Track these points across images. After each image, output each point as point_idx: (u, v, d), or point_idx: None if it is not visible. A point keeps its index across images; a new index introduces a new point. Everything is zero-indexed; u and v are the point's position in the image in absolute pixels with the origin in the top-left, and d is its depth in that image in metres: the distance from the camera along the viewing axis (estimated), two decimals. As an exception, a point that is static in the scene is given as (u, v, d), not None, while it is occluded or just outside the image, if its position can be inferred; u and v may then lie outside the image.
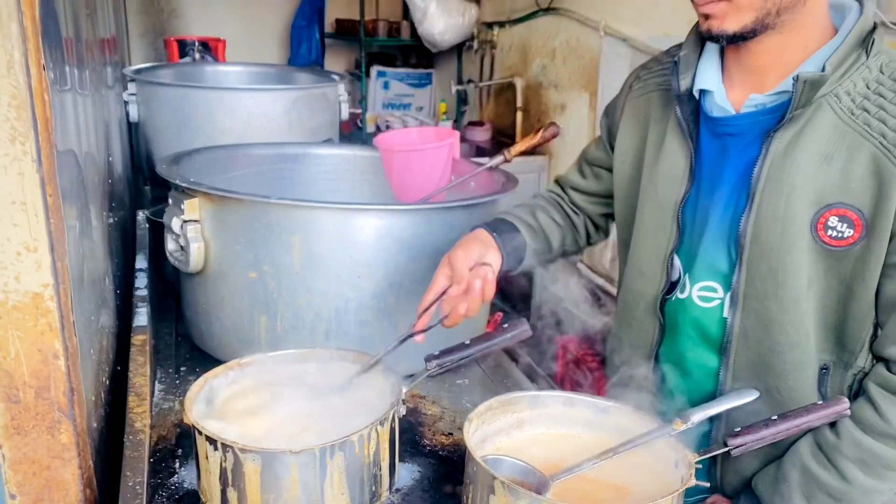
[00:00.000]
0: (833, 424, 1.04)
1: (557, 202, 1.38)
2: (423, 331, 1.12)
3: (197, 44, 3.65)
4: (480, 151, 4.25)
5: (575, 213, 1.38)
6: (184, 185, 1.28)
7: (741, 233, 1.06)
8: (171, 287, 1.52)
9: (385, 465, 1.00)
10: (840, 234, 1.00)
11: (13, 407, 0.75)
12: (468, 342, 1.07)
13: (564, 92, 3.77)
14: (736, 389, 1.07)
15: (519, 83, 4.09)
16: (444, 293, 1.13)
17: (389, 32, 4.69)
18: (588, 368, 3.00)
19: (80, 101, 1.01)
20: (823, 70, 0.99)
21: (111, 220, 1.40)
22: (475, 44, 4.47)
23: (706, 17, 1.02)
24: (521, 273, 1.30)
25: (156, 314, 1.45)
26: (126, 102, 2.26)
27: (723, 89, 1.11)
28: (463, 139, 4.47)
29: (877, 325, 1.05)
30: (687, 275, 1.16)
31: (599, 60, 3.43)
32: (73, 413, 0.78)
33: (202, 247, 1.29)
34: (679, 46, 1.16)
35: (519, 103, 4.12)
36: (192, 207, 1.28)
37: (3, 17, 0.66)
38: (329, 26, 4.99)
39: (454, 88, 4.53)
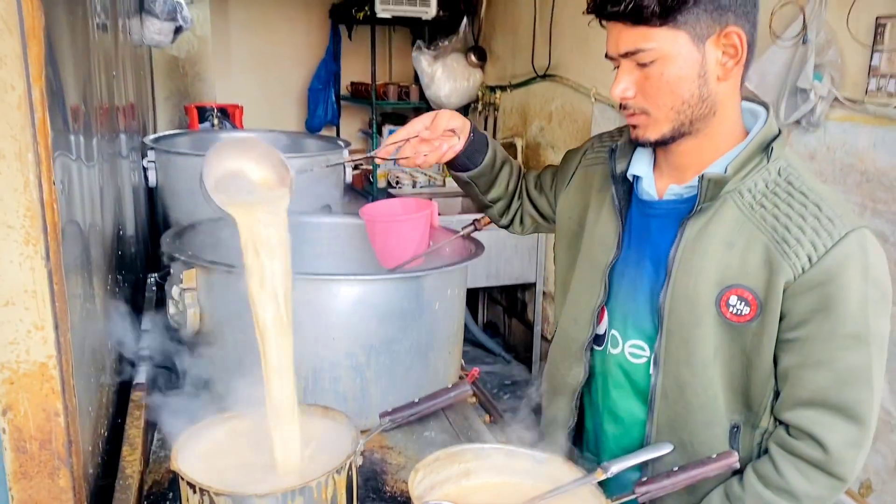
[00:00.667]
0: (741, 478, 1.17)
1: (518, 177, 1.57)
2: (385, 159, 1.35)
3: (215, 110, 3.85)
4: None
5: (518, 197, 1.58)
6: (182, 257, 1.45)
7: (661, 305, 1.21)
8: (173, 346, 1.67)
9: (342, 508, 1.13)
10: (739, 311, 1.14)
11: (21, 456, 0.90)
12: (417, 400, 1.21)
13: (560, 152, 3.92)
14: (653, 444, 1.20)
15: (519, 143, 4.27)
16: (415, 137, 1.35)
17: (399, 95, 4.91)
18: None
19: (86, 172, 1.13)
20: (725, 171, 1.14)
21: (121, 285, 1.55)
22: (479, 105, 4.67)
23: (633, 126, 1.19)
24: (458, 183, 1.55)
25: (159, 370, 1.60)
26: (145, 169, 2.45)
27: (652, 177, 1.27)
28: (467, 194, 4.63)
29: (776, 391, 1.17)
30: (618, 332, 1.31)
31: (591, 123, 3.60)
32: (70, 461, 0.93)
33: (197, 311, 1.44)
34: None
35: (520, 160, 4.28)
36: (189, 277, 1.44)
37: (22, 149, 0.83)
38: (344, 89, 5.22)
39: (458, 149, 4.68)
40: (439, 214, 1.82)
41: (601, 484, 1.12)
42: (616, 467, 1.13)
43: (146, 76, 4.05)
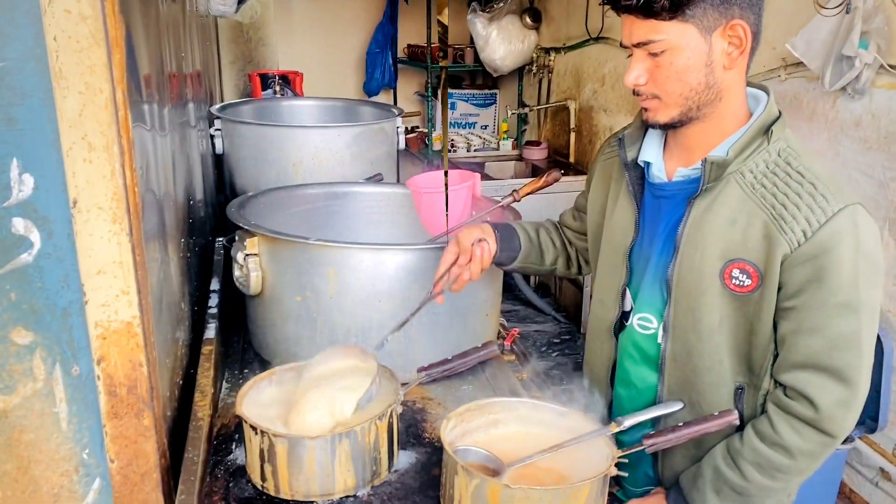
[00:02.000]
0: (741, 435, 1.27)
1: (558, 231, 1.66)
2: (440, 292, 1.44)
3: (277, 78, 3.98)
4: (536, 169, 4.46)
5: (570, 244, 1.65)
6: (246, 227, 1.60)
7: (669, 278, 1.30)
8: (240, 304, 1.84)
9: (384, 450, 1.26)
10: (741, 283, 1.23)
11: (112, 399, 1.07)
12: (450, 358, 1.34)
13: (612, 116, 3.95)
14: (664, 402, 1.31)
15: (572, 106, 4.30)
16: (453, 264, 1.45)
17: (455, 58, 4.94)
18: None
19: (160, 141, 1.26)
20: (727, 154, 1.22)
21: (192, 249, 1.72)
22: (534, 67, 4.68)
23: (645, 109, 1.27)
24: (513, 272, 1.66)
25: (227, 326, 1.78)
26: (212, 136, 2.59)
27: (661, 161, 1.35)
28: (520, 157, 4.71)
29: (776, 355, 1.26)
30: (633, 306, 1.41)
31: (641, 89, 3.60)
32: (152, 405, 1.09)
33: (259, 275, 1.59)
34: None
35: (572, 125, 4.32)
36: (252, 244, 1.59)
37: (109, 142, 0.97)
38: (401, 52, 5.26)
39: (510, 113, 4.73)
40: (488, 179, 1.92)
41: (616, 439, 1.23)
42: (629, 421, 1.24)
43: (212, 43, 4.20)
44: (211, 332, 1.53)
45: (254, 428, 1.21)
